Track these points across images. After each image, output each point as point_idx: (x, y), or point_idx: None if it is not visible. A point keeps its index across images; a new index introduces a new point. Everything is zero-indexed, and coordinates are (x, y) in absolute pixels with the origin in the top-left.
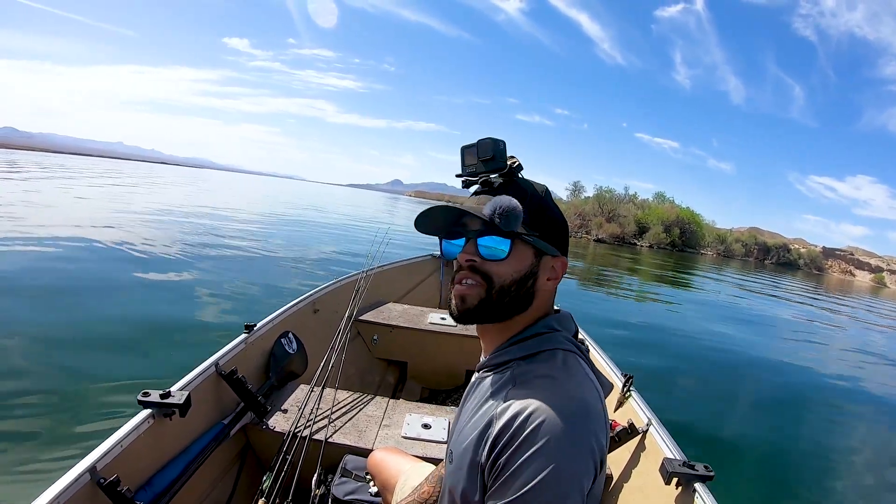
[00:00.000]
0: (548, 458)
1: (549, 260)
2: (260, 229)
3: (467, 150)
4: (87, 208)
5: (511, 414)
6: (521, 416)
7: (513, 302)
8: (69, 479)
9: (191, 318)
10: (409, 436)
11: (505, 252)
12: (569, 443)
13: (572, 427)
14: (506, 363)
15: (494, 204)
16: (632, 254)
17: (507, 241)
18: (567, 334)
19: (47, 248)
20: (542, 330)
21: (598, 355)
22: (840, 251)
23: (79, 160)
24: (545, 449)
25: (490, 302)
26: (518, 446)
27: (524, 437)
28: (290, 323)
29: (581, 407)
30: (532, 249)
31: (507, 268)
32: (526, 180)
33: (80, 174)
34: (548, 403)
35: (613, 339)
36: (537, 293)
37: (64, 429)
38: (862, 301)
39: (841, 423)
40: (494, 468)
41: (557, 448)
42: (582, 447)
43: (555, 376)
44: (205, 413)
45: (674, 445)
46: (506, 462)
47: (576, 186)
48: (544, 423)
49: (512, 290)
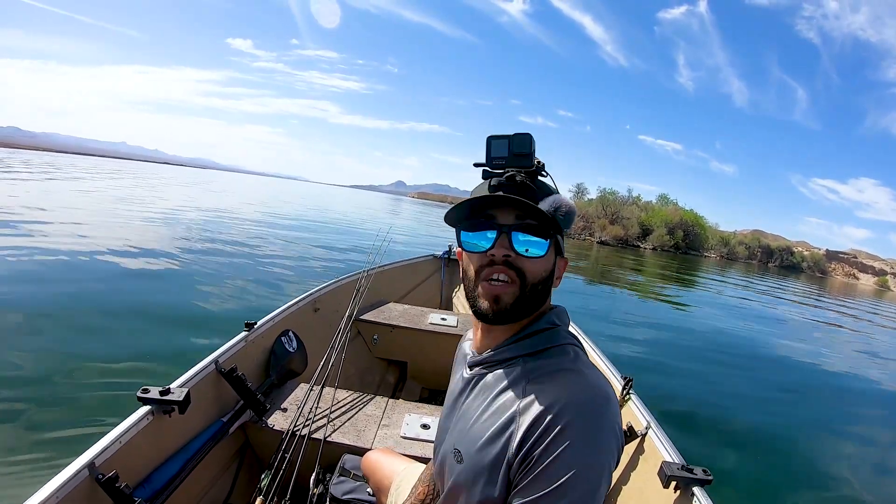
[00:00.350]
0: (583, 451)
1: (560, 260)
2: (262, 229)
3: (496, 140)
4: (90, 206)
5: (540, 409)
6: (552, 411)
7: (537, 299)
8: (67, 475)
9: (191, 316)
10: (407, 436)
11: (545, 250)
12: (599, 434)
13: (600, 418)
14: (510, 359)
15: (556, 202)
16: (635, 256)
17: (547, 240)
18: (566, 328)
19: (50, 244)
20: (547, 326)
21: (596, 357)
22: (843, 254)
23: (81, 160)
24: (579, 442)
25: (524, 300)
26: (552, 440)
27: (558, 430)
28: (290, 322)
29: (604, 396)
30: (554, 249)
31: (540, 266)
32: (549, 181)
33: (83, 173)
34: (576, 397)
35: (614, 341)
36: (550, 291)
37: (63, 425)
38: (865, 304)
39: (841, 428)
40: (525, 463)
41: (591, 440)
42: (610, 437)
43: (573, 369)
44: (204, 410)
45: (672, 449)
46: (539, 456)
47: (579, 188)
48: (575, 416)
49: (539, 288)
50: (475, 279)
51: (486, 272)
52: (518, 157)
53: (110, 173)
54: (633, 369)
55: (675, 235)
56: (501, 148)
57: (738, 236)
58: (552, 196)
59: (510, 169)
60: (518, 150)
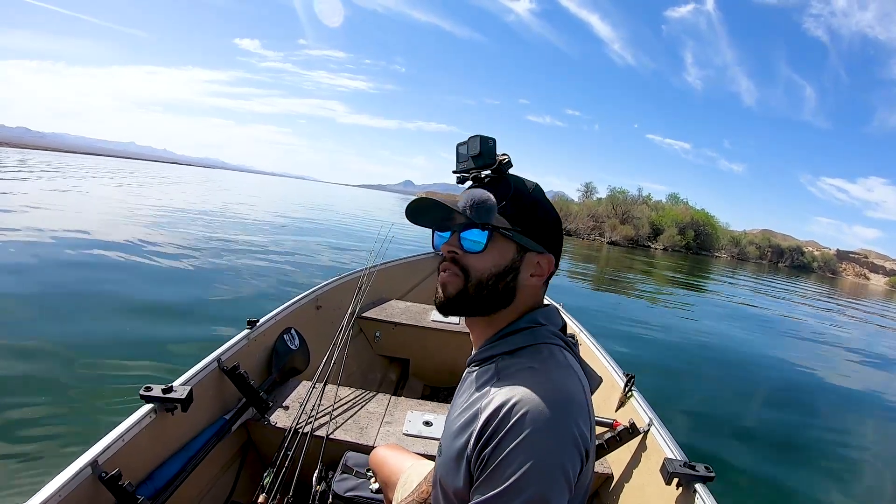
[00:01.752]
0: (532, 449)
1: (534, 256)
2: (265, 227)
3: (460, 146)
4: (95, 205)
5: (495, 406)
6: (504, 408)
7: (492, 296)
8: (71, 473)
9: (194, 314)
10: (410, 433)
11: (482, 244)
12: (552, 433)
13: (555, 417)
14: (491, 357)
15: (467, 197)
16: (646, 256)
17: (485, 234)
18: (553, 328)
19: (54, 242)
20: (527, 325)
21: (598, 354)
22: (854, 254)
23: (90, 160)
24: (529, 440)
25: (467, 294)
26: (502, 438)
27: (508, 428)
28: (292, 319)
29: (563, 397)
30: (514, 245)
31: (484, 261)
32: (515, 176)
33: (90, 174)
34: (530, 394)
35: (618, 338)
36: (520, 289)
37: (66, 422)
38: (877, 305)
39: (844, 426)
40: (480, 460)
41: (541, 438)
42: (565, 437)
43: (537, 367)
44: (207, 408)
45: (675, 446)
46: (491, 453)
47: (587, 188)
48: (527, 413)
49: (489, 283)
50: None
51: (441, 266)
52: (474, 157)
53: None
54: (636, 366)
55: (685, 235)
56: (463, 152)
57: (748, 236)
58: (469, 191)
59: (473, 171)
60: (472, 152)
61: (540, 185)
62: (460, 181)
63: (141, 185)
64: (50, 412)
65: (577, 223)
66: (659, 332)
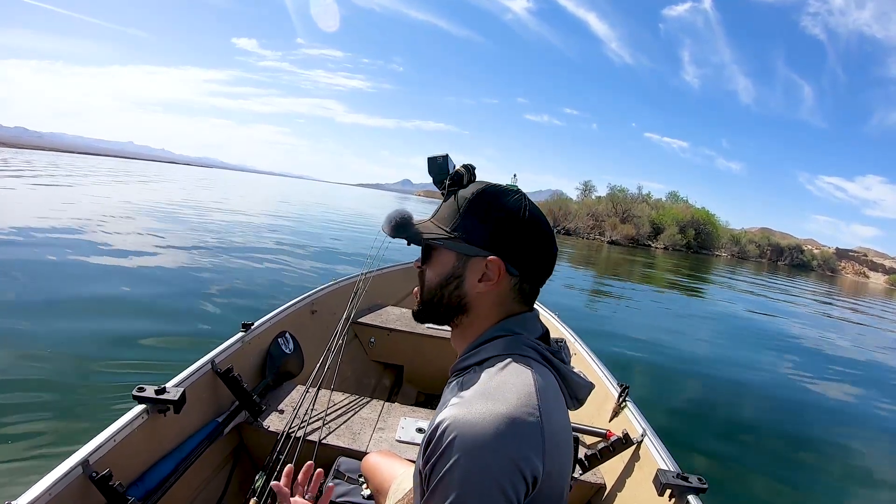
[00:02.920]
0: (461, 474)
1: (479, 261)
2: (262, 229)
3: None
4: (87, 204)
5: (435, 424)
6: (439, 428)
7: (441, 305)
8: (61, 472)
9: (188, 315)
10: (403, 440)
11: (422, 259)
12: (485, 457)
13: (487, 444)
14: (465, 369)
15: (386, 219)
16: (646, 256)
17: (421, 248)
18: (528, 338)
19: (47, 242)
20: (495, 334)
21: (592, 364)
22: (853, 252)
23: (89, 160)
24: (459, 464)
25: (423, 303)
26: (437, 459)
27: (442, 450)
28: (287, 323)
29: (502, 423)
30: (454, 252)
31: (429, 273)
32: (466, 185)
33: (90, 174)
34: (467, 415)
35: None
36: (471, 296)
37: (57, 422)
38: (878, 304)
39: (842, 438)
40: (424, 477)
41: (471, 463)
42: (500, 461)
43: (485, 384)
44: (199, 410)
45: (668, 457)
46: (430, 473)
47: (586, 186)
48: (457, 438)
49: (436, 293)
50: None
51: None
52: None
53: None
54: (631, 375)
55: (686, 234)
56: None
57: (748, 234)
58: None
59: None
60: (430, 173)
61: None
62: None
63: (126, 185)
64: (41, 412)
65: (576, 222)
66: (655, 340)
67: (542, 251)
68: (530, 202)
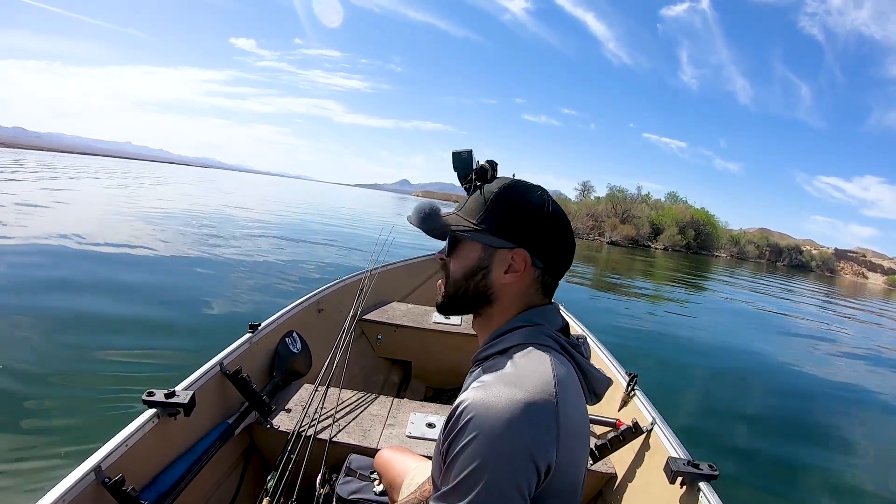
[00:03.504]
0: (474, 453)
1: (505, 253)
2: (266, 229)
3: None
4: (92, 207)
5: (456, 405)
6: (459, 408)
7: (468, 295)
8: (74, 479)
9: (195, 318)
10: (413, 435)
11: (448, 251)
12: (498, 440)
13: (503, 427)
14: (487, 358)
15: (413, 210)
16: (647, 256)
17: (447, 241)
18: (549, 328)
19: (53, 246)
20: (517, 324)
21: (601, 353)
22: (851, 252)
23: (87, 160)
24: (473, 444)
25: (448, 295)
26: (454, 438)
27: (458, 429)
28: (294, 322)
29: (518, 408)
30: (480, 244)
31: (455, 264)
32: (490, 179)
33: (86, 174)
34: (485, 398)
35: (620, 337)
36: (497, 287)
37: (69, 428)
38: (876, 304)
39: (849, 424)
40: (444, 456)
41: (484, 445)
42: (514, 446)
43: (505, 370)
44: (209, 412)
45: (678, 444)
46: (446, 451)
47: (585, 186)
48: (473, 419)
49: (462, 284)
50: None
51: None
52: (456, 171)
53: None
54: (640, 366)
55: (686, 235)
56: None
57: (747, 235)
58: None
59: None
60: (454, 168)
61: (524, 181)
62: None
63: (125, 186)
64: (52, 419)
65: (575, 223)
66: (662, 332)
67: (565, 245)
68: (552, 198)
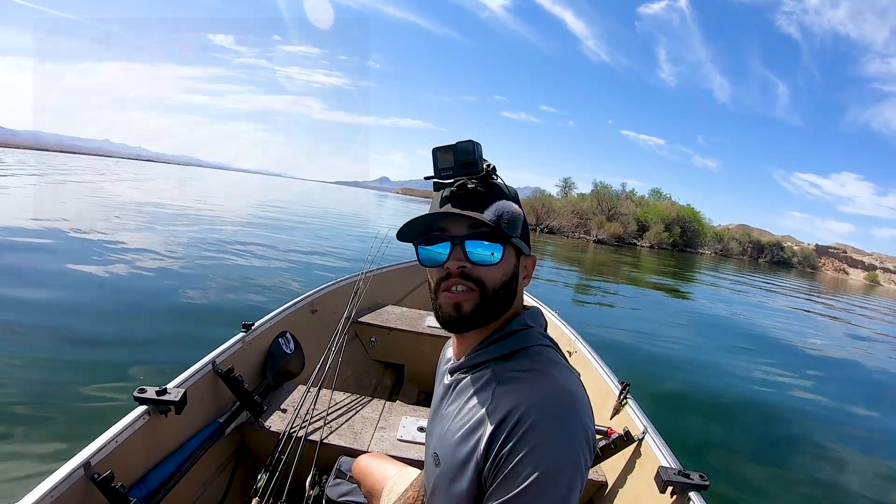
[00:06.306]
0: (547, 453)
1: (525, 259)
2: (259, 230)
3: (442, 152)
4: (75, 204)
5: (505, 411)
6: (516, 413)
7: (501, 304)
8: (63, 474)
9: (188, 316)
10: (404, 438)
11: (498, 257)
12: (564, 433)
13: (565, 417)
14: (483, 363)
15: (499, 209)
16: (634, 256)
17: (500, 246)
18: (540, 329)
19: (43, 242)
20: (518, 327)
21: (593, 361)
22: (832, 249)
23: (65, 158)
24: (543, 444)
25: (485, 307)
26: (517, 443)
27: (522, 433)
28: (288, 323)
29: (569, 397)
30: (514, 251)
31: (497, 272)
32: (500, 183)
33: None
34: (542, 398)
35: (613, 345)
36: (517, 292)
37: (59, 424)
38: (858, 300)
39: (840, 435)
40: (494, 466)
41: (555, 441)
42: (576, 434)
43: (539, 370)
44: (201, 411)
45: (669, 454)
46: (505, 459)
47: (566, 183)
48: (539, 417)
49: (501, 292)
50: (436, 291)
51: (445, 284)
52: (465, 165)
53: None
54: (631, 373)
55: (672, 232)
56: (448, 158)
57: (730, 231)
58: (495, 203)
59: (460, 178)
60: (463, 160)
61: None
62: (438, 188)
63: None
64: (43, 414)
65: (560, 220)
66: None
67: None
68: None
